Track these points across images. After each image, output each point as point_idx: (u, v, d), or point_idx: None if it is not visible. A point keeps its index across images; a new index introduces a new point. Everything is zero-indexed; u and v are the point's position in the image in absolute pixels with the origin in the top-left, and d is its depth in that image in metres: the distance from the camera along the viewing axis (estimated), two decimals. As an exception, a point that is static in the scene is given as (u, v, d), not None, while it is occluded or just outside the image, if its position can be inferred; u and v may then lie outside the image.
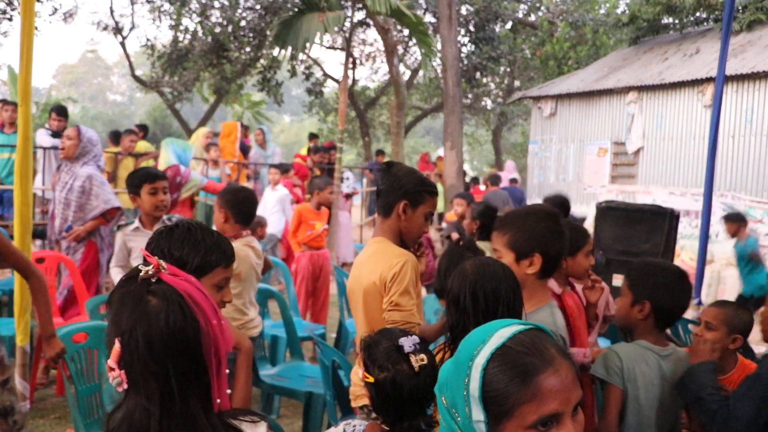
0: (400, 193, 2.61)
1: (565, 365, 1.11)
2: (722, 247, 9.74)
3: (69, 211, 4.78)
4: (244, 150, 11.22)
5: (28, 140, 2.93)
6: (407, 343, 1.87)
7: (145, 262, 1.29)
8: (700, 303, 5.10)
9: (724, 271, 9.05)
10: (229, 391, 1.31)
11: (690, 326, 4.24)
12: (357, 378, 2.66)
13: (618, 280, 6.05)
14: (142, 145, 9.90)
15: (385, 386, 1.83)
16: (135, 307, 1.22)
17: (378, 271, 2.52)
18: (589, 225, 7.63)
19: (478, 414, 1.09)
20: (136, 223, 3.82)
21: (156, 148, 9.93)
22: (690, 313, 5.13)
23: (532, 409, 1.07)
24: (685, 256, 9.47)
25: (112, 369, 1.23)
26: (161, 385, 1.20)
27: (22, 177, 2.95)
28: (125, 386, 1.23)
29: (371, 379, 1.85)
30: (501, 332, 1.12)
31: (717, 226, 9.74)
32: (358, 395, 2.62)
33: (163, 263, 1.29)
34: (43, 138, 7.56)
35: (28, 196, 2.99)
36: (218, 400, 1.26)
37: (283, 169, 9.87)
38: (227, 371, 1.29)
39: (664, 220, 5.95)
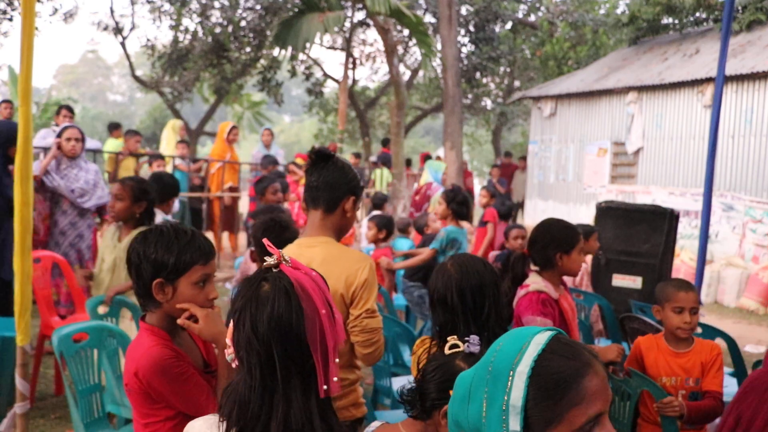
0: (350, 187, 2.40)
1: (600, 366, 1.16)
2: (722, 247, 9.74)
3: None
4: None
5: (28, 140, 2.93)
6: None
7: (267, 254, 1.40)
8: (699, 303, 5.09)
9: (724, 271, 9.04)
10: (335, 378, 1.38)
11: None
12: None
13: (618, 279, 6.05)
14: (113, 144, 9.72)
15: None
16: (248, 291, 1.36)
17: (342, 278, 2.31)
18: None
19: (515, 424, 1.11)
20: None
21: (155, 148, 9.93)
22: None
23: (581, 411, 1.11)
24: (684, 256, 9.47)
25: (229, 346, 1.39)
26: (263, 363, 1.32)
27: (22, 177, 2.95)
28: (236, 362, 1.37)
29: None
30: (536, 339, 1.15)
31: (717, 226, 9.74)
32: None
33: (285, 256, 1.40)
34: (47, 139, 7.51)
35: (28, 196, 2.99)
36: (324, 387, 1.34)
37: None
38: (336, 360, 1.37)
39: (664, 220, 5.95)
